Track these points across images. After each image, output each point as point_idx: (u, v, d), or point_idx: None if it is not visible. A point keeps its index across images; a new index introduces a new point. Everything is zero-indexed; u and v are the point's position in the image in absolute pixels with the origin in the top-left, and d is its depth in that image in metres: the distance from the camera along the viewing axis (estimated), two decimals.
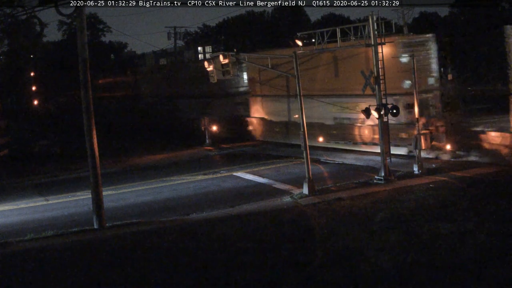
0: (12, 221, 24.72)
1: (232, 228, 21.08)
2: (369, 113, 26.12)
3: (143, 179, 31.75)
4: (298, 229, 20.82)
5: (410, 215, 20.85)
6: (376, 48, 26.40)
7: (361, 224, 20.39)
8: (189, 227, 21.76)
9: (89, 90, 22.54)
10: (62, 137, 51.93)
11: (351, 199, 23.48)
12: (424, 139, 27.29)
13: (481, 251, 16.81)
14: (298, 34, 30.76)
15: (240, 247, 18.98)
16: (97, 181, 22.58)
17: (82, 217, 24.02)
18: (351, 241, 18.71)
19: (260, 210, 23.19)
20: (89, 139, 22.47)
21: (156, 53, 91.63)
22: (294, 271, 16.51)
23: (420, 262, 16.30)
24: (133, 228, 21.84)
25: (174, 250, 19.28)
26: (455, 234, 18.34)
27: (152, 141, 46.26)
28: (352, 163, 31.40)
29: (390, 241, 18.35)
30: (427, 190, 23.86)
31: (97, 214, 22.36)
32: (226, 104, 48.00)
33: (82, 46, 22.45)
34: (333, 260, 17.23)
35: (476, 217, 19.88)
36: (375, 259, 16.79)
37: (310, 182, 24.87)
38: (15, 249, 20.13)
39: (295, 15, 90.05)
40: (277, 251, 18.26)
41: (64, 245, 20.26)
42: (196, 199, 26.31)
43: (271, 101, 41.49)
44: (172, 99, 57.79)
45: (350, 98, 33.43)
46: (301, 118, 25.26)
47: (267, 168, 32.12)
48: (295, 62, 25.53)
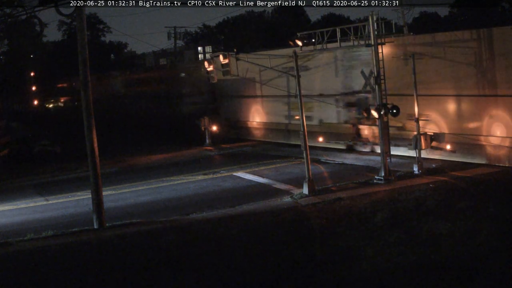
0: (12, 221, 24.71)
1: (232, 228, 21.08)
2: (370, 113, 26.16)
3: (143, 179, 31.74)
4: (298, 229, 20.83)
5: (410, 215, 20.85)
6: (376, 48, 26.43)
7: (361, 224, 20.40)
8: (189, 227, 21.76)
9: (89, 90, 22.54)
10: (62, 137, 51.93)
11: (351, 199, 23.48)
12: (424, 139, 27.29)
13: (481, 251, 16.82)
14: (298, 34, 30.79)
15: (240, 247, 18.99)
16: (97, 181, 22.58)
17: (82, 217, 24.00)
18: (351, 241, 18.72)
19: (260, 210, 23.18)
20: (89, 139, 22.47)
21: (156, 53, 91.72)
22: (294, 271, 16.51)
23: (420, 262, 16.31)
24: (133, 228, 21.83)
25: (174, 250, 19.29)
26: (455, 234, 18.35)
27: (152, 141, 46.22)
28: (352, 163, 31.40)
29: (390, 241, 18.36)
30: (427, 190, 23.85)
31: (97, 214, 22.35)
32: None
33: (82, 46, 22.44)
34: (333, 260, 17.24)
35: (476, 217, 19.89)
36: (375, 259, 16.80)
37: (310, 182, 24.86)
38: (15, 249, 20.12)
39: (295, 15, 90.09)
40: (277, 251, 18.27)
41: (64, 245, 20.25)
42: (196, 199, 26.29)
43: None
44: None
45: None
46: (301, 118, 25.27)
47: (267, 168, 32.11)
48: (295, 62, 25.54)
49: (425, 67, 28.36)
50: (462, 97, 27.99)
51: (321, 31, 28.59)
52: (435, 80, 28.68)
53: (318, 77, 34.92)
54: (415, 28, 50.81)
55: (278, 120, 39.89)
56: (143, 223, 22.49)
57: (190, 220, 22.69)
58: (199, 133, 43.76)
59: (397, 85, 29.16)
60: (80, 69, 22.44)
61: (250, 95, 42.52)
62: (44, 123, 67.39)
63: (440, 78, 28.58)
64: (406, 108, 27.62)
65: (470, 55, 27.21)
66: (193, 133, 45.41)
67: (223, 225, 21.53)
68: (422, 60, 28.12)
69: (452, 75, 28.15)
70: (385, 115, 26.10)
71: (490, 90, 26.74)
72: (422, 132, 27.60)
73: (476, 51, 27.00)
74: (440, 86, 28.69)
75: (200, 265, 17.51)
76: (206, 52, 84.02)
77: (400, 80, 29.29)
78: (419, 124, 27.39)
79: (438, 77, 28.62)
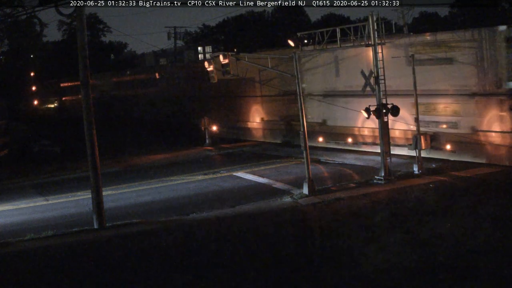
0: (12, 221, 24.71)
1: (232, 228, 21.08)
2: (369, 113, 26.14)
3: (143, 179, 31.75)
4: (298, 229, 20.83)
5: (410, 215, 20.85)
6: (376, 48, 26.41)
7: (361, 224, 20.39)
8: (189, 227, 21.76)
9: (89, 89, 22.55)
10: (62, 137, 51.94)
11: (351, 199, 23.48)
12: (424, 139, 27.28)
13: (481, 251, 16.81)
14: (298, 34, 30.70)
15: (240, 247, 18.98)
16: (97, 181, 22.58)
17: (82, 217, 24.01)
18: (351, 241, 18.70)
19: (260, 210, 23.18)
20: (89, 139, 22.47)
21: (156, 53, 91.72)
22: (294, 271, 16.51)
23: (420, 262, 16.30)
24: (133, 228, 21.83)
25: (174, 250, 19.28)
26: (455, 234, 18.34)
27: (152, 141, 46.23)
28: (352, 163, 31.40)
29: (390, 241, 18.35)
30: (427, 190, 23.85)
31: (97, 214, 22.36)
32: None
33: (82, 46, 22.44)
34: (333, 260, 17.23)
35: (476, 217, 19.88)
36: (375, 259, 16.79)
37: (310, 182, 24.87)
38: (15, 249, 20.11)
39: (295, 15, 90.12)
40: (277, 251, 18.26)
41: (64, 245, 20.24)
42: (196, 199, 26.30)
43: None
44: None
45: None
46: (301, 118, 25.26)
47: (267, 168, 32.11)
48: (295, 62, 25.53)
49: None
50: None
51: (321, 31, 28.54)
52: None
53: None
54: (415, 28, 50.79)
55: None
56: (143, 223, 22.49)
57: (190, 220, 22.68)
58: (199, 133, 43.83)
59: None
60: (80, 69, 22.44)
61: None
62: (44, 123, 67.40)
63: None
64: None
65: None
66: (194, 133, 45.50)
67: (223, 225, 21.52)
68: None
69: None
70: (385, 115, 26.11)
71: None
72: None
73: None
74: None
75: (200, 265, 17.50)
76: (206, 52, 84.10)
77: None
78: (419, 124, 27.42)
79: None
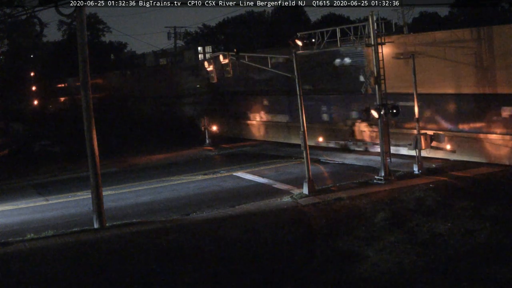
0: (12, 221, 24.71)
1: (232, 228, 21.07)
2: (369, 113, 26.14)
3: (143, 179, 31.74)
4: (298, 229, 20.83)
5: (410, 215, 20.85)
6: (376, 48, 26.41)
7: (361, 224, 20.40)
8: (189, 227, 21.75)
9: (89, 90, 22.53)
10: (62, 137, 51.92)
11: (351, 199, 23.48)
12: (424, 139, 27.27)
13: (481, 251, 16.82)
14: (298, 34, 30.71)
15: (240, 247, 18.98)
16: (97, 181, 22.57)
17: (82, 217, 24.02)
18: (351, 241, 18.72)
19: (260, 210, 23.18)
20: (89, 139, 22.46)
21: (156, 53, 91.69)
22: (294, 271, 16.51)
23: (420, 262, 16.31)
24: (133, 228, 21.83)
25: (174, 250, 19.29)
26: (455, 234, 18.35)
27: (152, 141, 46.22)
28: (352, 163, 31.40)
29: (390, 241, 18.36)
30: (427, 190, 23.85)
31: (97, 214, 22.35)
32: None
33: (82, 46, 22.44)
34: (333, 260, 17.24)
35: (476, 217, 19.89)
36: (375, 259, 16.80)
37: (310, 182, 24.87)
38: (15, 249, 20.11)
39: (295, 15, 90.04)
40: (277, 251, 18.27)
41: (64, 245, 20.24)
42: (196, 199, 26.29)
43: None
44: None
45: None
46: (301, 118, 25.26)
47: (267, 168, 32.11)
48: (294, 62, 25.53)
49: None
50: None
51: (321, 31, 28.54)
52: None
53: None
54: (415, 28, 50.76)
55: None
56: (143, 223, 22.49)
57: (190, 220, 22.69)
58: (199, 133, 43.81)
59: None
60: (80, 69, 22.43)
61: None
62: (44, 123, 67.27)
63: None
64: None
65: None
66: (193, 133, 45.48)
67: (223, 225, 21.52)
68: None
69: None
70: (385, 115, 26.09)
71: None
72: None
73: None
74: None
75: (200, 265, 17.51)
76: (206, 52, 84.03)
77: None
78: (419, 124, 27.41)
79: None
